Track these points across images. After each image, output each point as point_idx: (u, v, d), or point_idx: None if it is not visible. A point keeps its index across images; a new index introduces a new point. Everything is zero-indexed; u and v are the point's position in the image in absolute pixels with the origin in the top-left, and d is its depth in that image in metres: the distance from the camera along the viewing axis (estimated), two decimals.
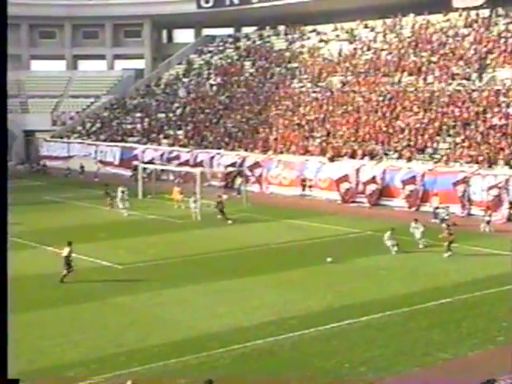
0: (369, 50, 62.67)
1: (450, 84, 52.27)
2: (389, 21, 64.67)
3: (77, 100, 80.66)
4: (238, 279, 26.85)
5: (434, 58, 56.31)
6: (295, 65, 67.01)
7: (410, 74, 56.02)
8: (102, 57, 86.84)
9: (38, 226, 39.08)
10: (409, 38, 61.02)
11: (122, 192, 42.98)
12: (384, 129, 50.33)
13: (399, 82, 55.75)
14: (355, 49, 63.86)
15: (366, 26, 66.67)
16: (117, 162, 63.75)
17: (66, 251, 26.72)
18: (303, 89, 62.25)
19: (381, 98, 54.34)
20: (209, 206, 41.43)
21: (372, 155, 47.94)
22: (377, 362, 18.36)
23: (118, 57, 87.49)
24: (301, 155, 51.52)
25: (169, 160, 57.55)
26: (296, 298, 24.20)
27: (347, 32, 67.13)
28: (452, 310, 22.86)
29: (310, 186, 48.24)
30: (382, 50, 61.47)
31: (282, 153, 53.01)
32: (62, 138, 73.17)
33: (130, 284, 26.26)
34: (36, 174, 64.70)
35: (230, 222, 38.82)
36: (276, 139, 55.52)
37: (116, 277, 27.45)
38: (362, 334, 20.57)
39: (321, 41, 68.70)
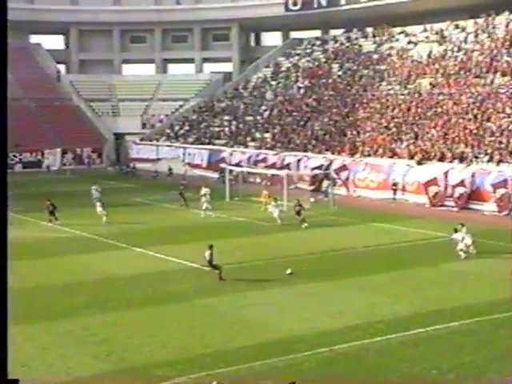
0: (459, 51, 61.56)
1: None
2: (481, 20, 63.36)
3: (166, 103, 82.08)
4: (324, 282, 26.73)
5: None
6: (383, 67, 66.40)
7: (503, 75, 54.72)
8: (190, 60, 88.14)
9: (126, 227, 39.82)
10: (502, 37, 59.61)
11: (205, 194, 43.44)
12: (474, 131, 49.33)
13: (491, 83, 54.54)
14: (445, 50, 62.84)
15: (456, 27, 65.52)
16: (204, 165, 64.46)
17: (207, 254, 27.11)
18: (391, 91, 61.63)
19: (471, 100, 53.27)
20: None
21: (462, 158, 47.02)
22: (466, 369, 17.99)
23: (206, 60, 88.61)
24: (388, 158, 51.01)
25: (256, 163, 57.84)
26: (382, 302, 23.94)
27: (437, 33, 66.13)
28: None
29: (402, 189, 47.55)
30: (474, 50, 60.28)
31: (369, 156, 52.60)
32: (151, 140, 74.52)
33: (216, 285, 26.45)
34: (125, 176, 65.99)
35: (304, 225, 38.41)
36: (363, 142, 55.13)
37: (203, 278, 27.69)
38: (451, 340, 20.18)
39: (410, 42, 67.88)
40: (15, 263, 28.77)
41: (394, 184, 47.30)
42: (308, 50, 78.41)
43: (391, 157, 51.15)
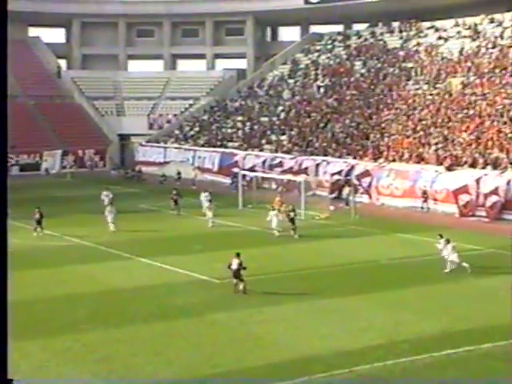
0: (494, 47, 61.45)
1: None
2: None
3: (175, 102, 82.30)
4: (344, 298, 26.72)
5: None
6: (410, 65, 66.36)
7: None
8: (201, 56, 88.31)
9: (131, 235, 39.91)
10: None
11: (210, 201, 43.51)
12: (510, 135, 49.18)
13: None
14: (478, 46, 62.75)
15: (491, 21, 65.41)
16: (216, 169, 64.54)
17: (235, 263, 27.05)
18: (419, 91, 61.57)
19: (507, 101, 53.14)
20: (313, 218, 41.43)
21: (495, 164, 46.88)
22: None
23: (218, 56, 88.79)
24: (415, 163, 50.91)
25: (271, 167, 57.84)
26: (408, 320, 23.89)
27: (470, 28, 66.04)
28: None
29: (430, 197, 47.39)
30: (510, 46, 60.14)
31: (394, 161, 52.51)
32: (158, 142, 74.69)
33: (227, 300, 26.46)
34: (130, 181, 66.12)
35: (296, 236, 38.37)
36: (388, 146, 55.07)
37: (213, 292, 27.74)
38: (483, 363, 20.06)
39: (439, 38, 67.85)
40: (11, 273, 28.89)
41: (425, 192, 47.01)
42: (329, 46, 78.47)
43: (418, 162, 51.06)
